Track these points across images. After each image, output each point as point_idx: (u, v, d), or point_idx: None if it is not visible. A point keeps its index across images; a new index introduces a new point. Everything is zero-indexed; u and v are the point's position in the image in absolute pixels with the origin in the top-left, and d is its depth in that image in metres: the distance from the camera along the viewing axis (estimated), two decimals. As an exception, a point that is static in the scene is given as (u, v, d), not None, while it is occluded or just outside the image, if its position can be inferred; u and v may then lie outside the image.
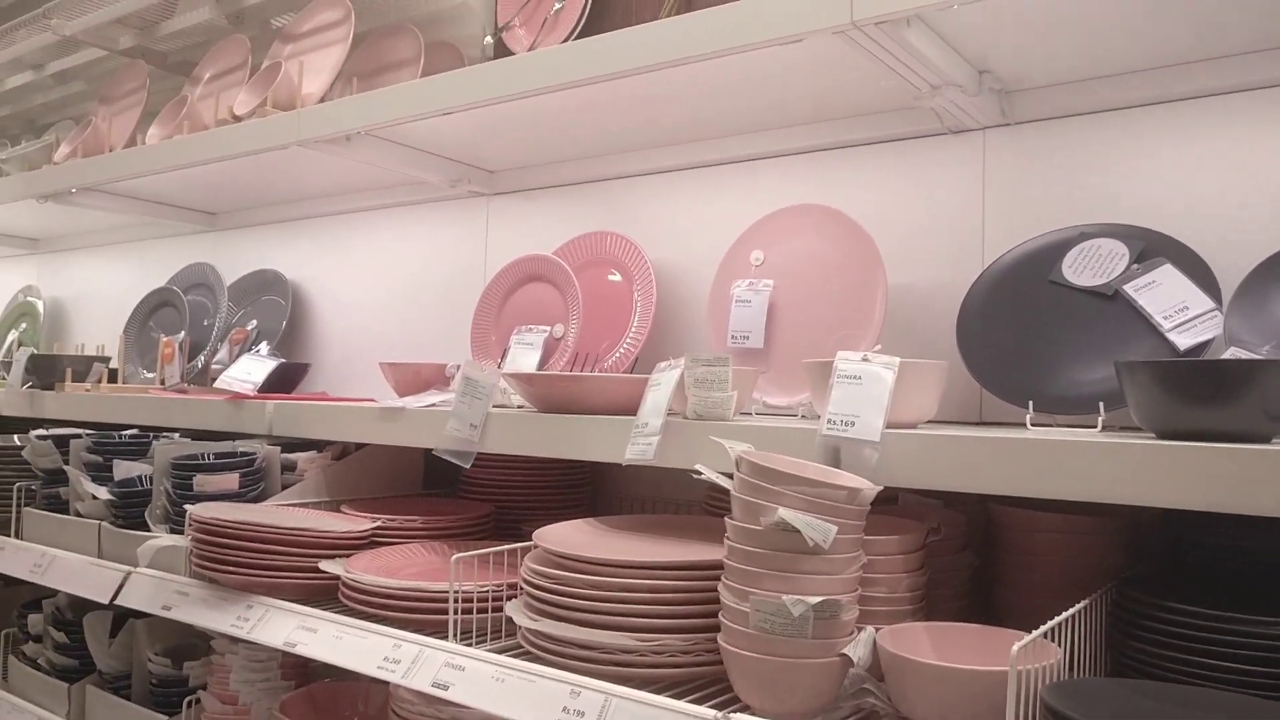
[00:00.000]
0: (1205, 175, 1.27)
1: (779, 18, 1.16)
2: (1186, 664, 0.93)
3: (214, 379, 1.95)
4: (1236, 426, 0.88)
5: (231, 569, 1.38)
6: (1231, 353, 1.09)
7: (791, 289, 1.46)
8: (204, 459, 1.62)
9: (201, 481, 1.57)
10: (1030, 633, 0.87)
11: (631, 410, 1.23)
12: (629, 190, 1.82)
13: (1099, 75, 1.33)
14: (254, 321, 2.34)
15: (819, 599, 0.89)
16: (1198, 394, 0.89)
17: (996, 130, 1.44)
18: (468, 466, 1.35)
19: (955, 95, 1.31)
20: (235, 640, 1.52)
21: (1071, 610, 0.94)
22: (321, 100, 1.96)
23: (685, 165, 1.74)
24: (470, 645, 1.17)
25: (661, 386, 1.18)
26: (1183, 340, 1.15)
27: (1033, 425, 1.14)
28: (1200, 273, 1.18)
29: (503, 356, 1.61)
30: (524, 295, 1.69)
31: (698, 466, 0.99)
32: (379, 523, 1.48)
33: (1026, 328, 1.28)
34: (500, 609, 1.19)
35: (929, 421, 1.24)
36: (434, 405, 1.46)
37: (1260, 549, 1.08)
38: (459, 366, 1.59)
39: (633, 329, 1.62)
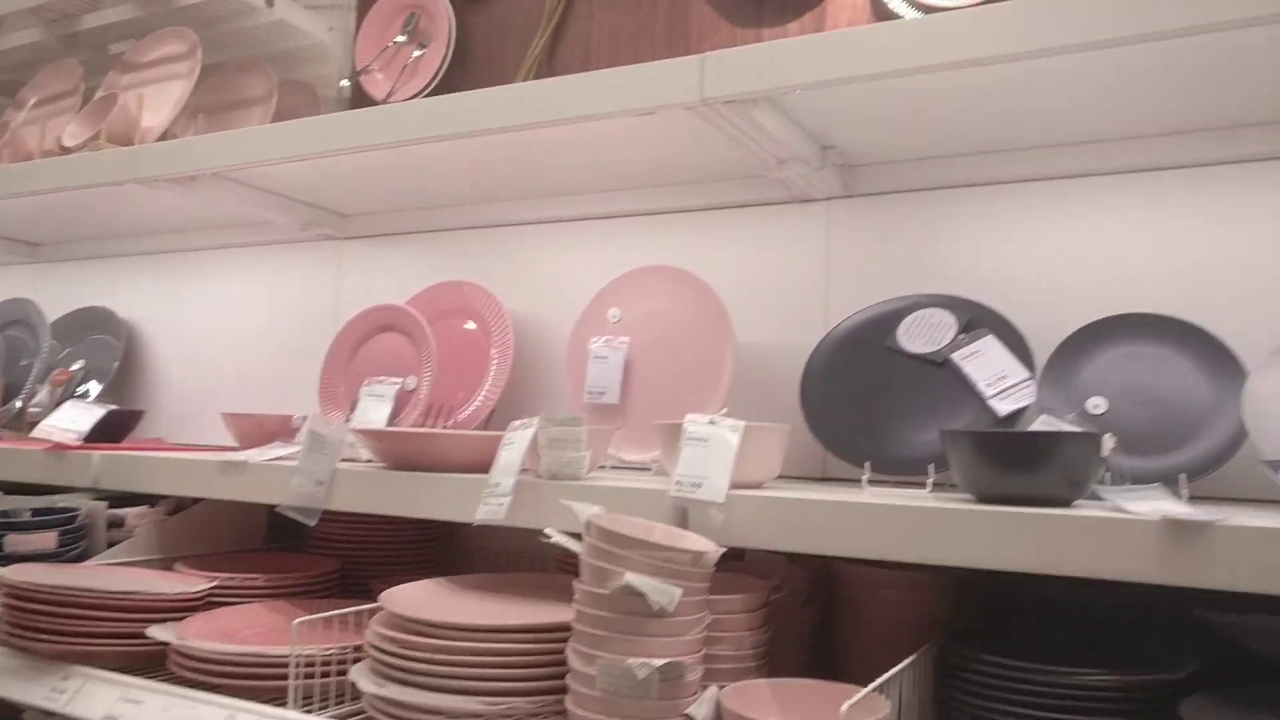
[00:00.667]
0: (1026, 252, 1.39)
1: (634, 90, 1.20)
2: (1001, 713, 1.00)
3: (32, 425, 1.81)
4: (1043, 492, 0.97)
5: (46, 637, 1.29)
6: (1042, 419, 1.19)
7: (647, 347, 1.50)
8: (17, 516, 1.50)
9: (14, 541, 1.45)
10: (865, 686, 0.91)
11: (484, 468, 1.23)
12: (489, 240, 1.82)
13: (932, 155, 1.44)
14: (80, 362, 2.20)
15: (664, 661, 0.91)
16: (1009, 462, 0.97)
17: (840, 201, 1.53)
18: (312, 524, 1.30)
19: (800, 168, 1.39)
20: (49, 715, 1.41)
21: (901, 665, 1.00)
22: (163, 137, 1.88)
23: (546, 219, 1.76)
24: (312, 713, 1.13)
25: (515, 446, 1.19)
26: (1002, 407, 1.24)
27: (869, 485, 1.21)
28: (1017, 344, 1.29)
29: (352, 408, 1.57)
30: (376, 345, 1.66)
31: (547, 530, 1.00)
32: (216, 582, 1.41)
33: (864, 391, 1.35)
34: (345, 673, 1.15)
35: (778, 478, 1.29)
36: (279, 459, 1.41)
37: (1072, 603, 1.18)
38: (305, 418, 1.55)
39: (489, 381, 1.62)
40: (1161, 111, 1.23)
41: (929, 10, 1.47)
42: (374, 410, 1.53)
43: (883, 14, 1.53)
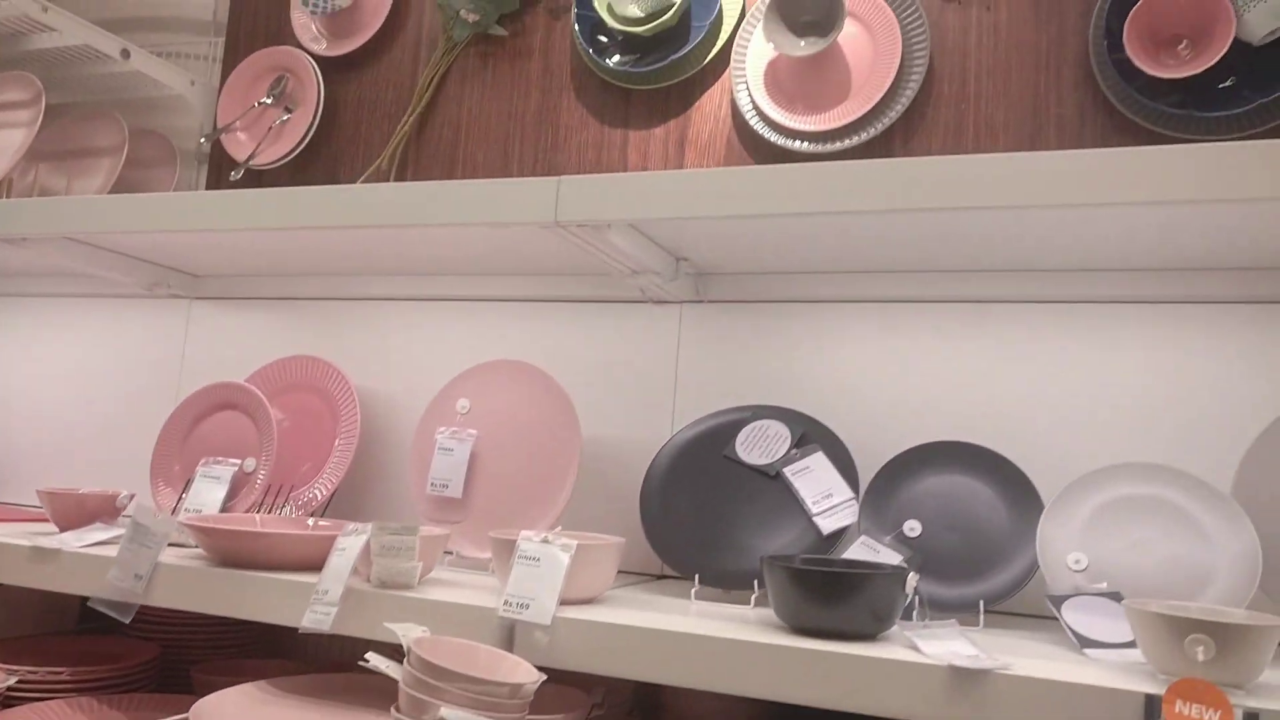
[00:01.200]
0: (860, 369, 1.47)
1: (490, 207, 1.22)
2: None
3: None
4: (850, 627, 1.02)
5: None
6: (861, 541, 1.26)
7: (495, 441, 1.51)
8: None
9: None
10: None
11: (315, 565, 1.20)
12: (343, 312, 1.80)
13: (778, 271, 1.51)
14: (-110, 407, 2.04)
15: (476, 795, 0.91)
16: (818, 597, 1.02)
17: (692, 305, 1.58)
18: (127, 621, 1.25)
19: (653, 279, 1.43)
20: None
21: (711, 790, 1.03)
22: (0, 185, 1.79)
23: (402, 296, 1.75)
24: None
25: (346, 552, 1.17)
26: (825, 525, 1.30)
27: (697, 599, 1.25)
28: (844, 461, 1.35)
29: (185, 488, 1.51)
30: (214, 423, 1.61)
31: (367, 656, 0.99)
32: (16, 677, 1.32)
33: (702, 500, 1.39)
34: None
35: (619, 573, 1.31)
36: (99, 543, 1.35)
37: None
38: (132, 497, 1.49)
39: (332, 464, 1.59)
40: (979, 252, 1.33)
41: (785, 133, 1.55)
42: (208, 493, 1.48)
43: (742, 129, 1.60)
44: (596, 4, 1.65)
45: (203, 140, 1.90)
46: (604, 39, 1.67)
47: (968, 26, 1.51)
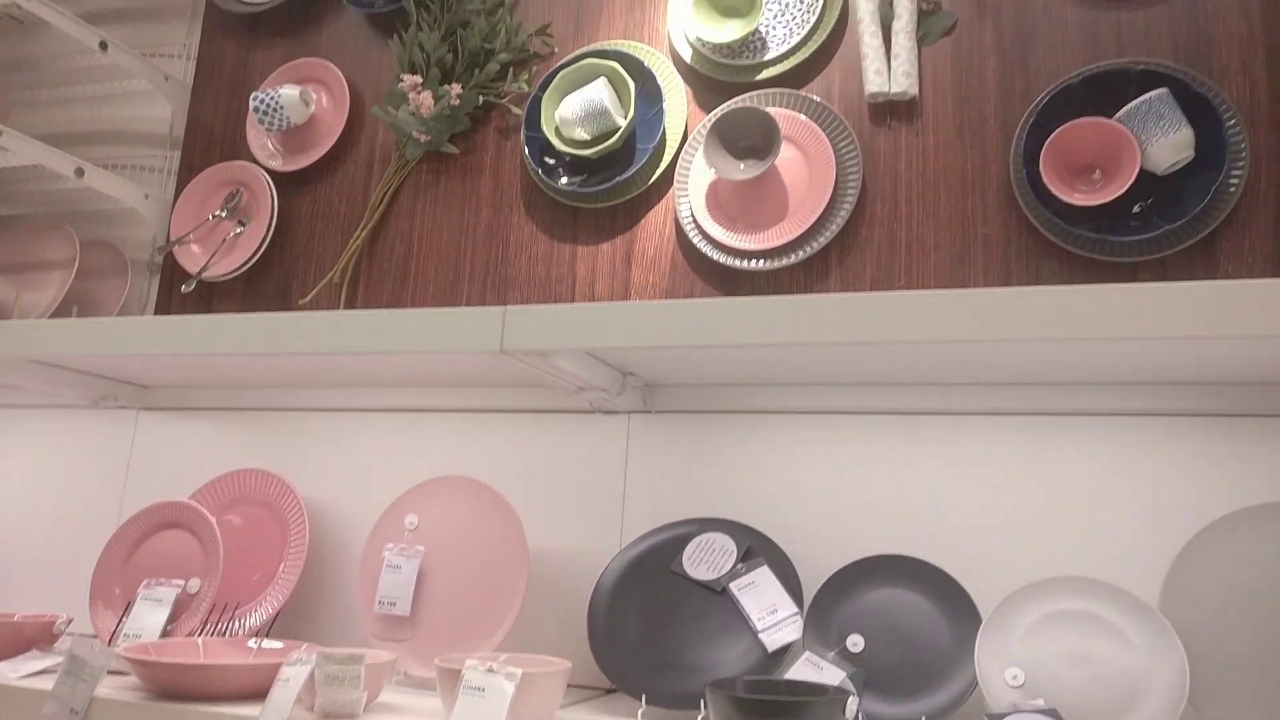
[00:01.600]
0: (805, 481, 1.50)
1: (437, 336, 1.25)
2: None
3: None
4: (793, 755, 1.03)
5: None
6: (804, 659, 1.27)
7: (442, 557, 1.51)
8: None
9: None
10: None
11: (259, 694, 1.19)
12: (292, 423, 1.80)
13: (723, 384, 1.55)
14: None
15: None
16: (762, 726, 1.03)
17: (640, 415, 1.61)
18: (61, 758, 1.22)
19: (600, 394, 1.46)
20: None
21: None
22: (-52, 298, 1.79)
23: (351, 407, 1.76)
24: None
25: (289, 683, 1.16)
26: (770, 641, 1.32)
27: (644, 719, 1.25)
28: (789, 576, 1.38)
29: (125, 611, 1.49)
30: (158, 542, 1.59)
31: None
32: (-60, 819, 1.28)
33: (649, 618, 1.40)
34: None
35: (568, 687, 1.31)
36: (36, 673, 1.32)
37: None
38: (70, 621, 1.46)
39: (280, 579, 1.58)
40: (916, 366, 1.38)
41: (727, 251, 1.61)
42: (149, 616, 1.45)
43: (686, 246, 1.65)
44: (544, 127, 1.71)
45: (156, 253, 1.92)
46: (551, 160, 1.73)
47: (898, 150, 1.59)
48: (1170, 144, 1.36)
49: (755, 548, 1.42)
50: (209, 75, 2.06)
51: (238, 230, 1.90)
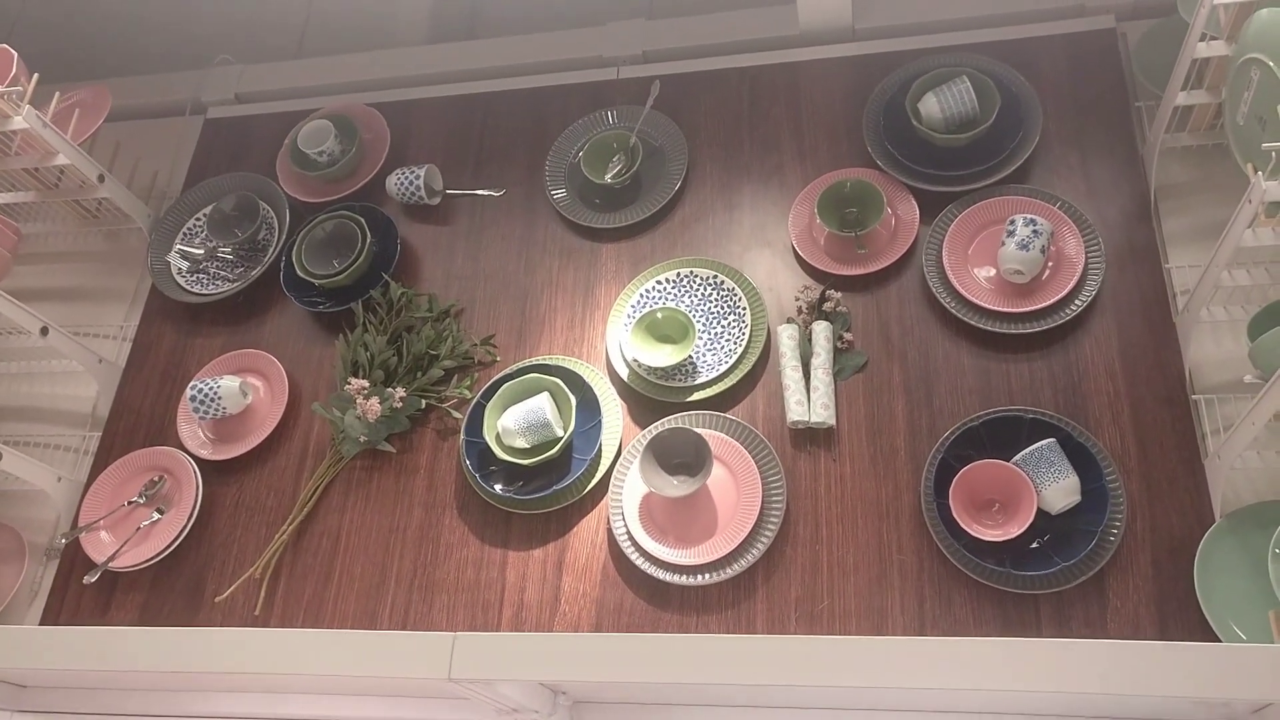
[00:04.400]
0: (730, 812, 1.48)
1: (390, 661, 1.24)
2: None
3: None
4: None
5: None
6: None
7: None
8: None
9: None
10: None
11: None
12: (189, 732, 1.68)
13: (653, 702, 1.54)
14: None
15: None
16: None
17: (565, 732, 1.58)
18: None
19: (530, 715, 1.44)
20: None
21: None
22: None
23: (251, 716, 1.66)
24: None
25: None
26: None
27: None
28: None
29: None
30: None
31: None
32: None
33: None
34: None
35: None
36: None
37: None
38: None
39: None
40: (843, 697, 1.42)
41: (657, 564, 1.65)
42: None
43: (617, 556, 1.69)
44: (485, 433, 1.78)
45: (61, 539, 1.84)
46: (492, 466, 1.79)
47: (818, 474, 1.72)
48: (1060, 489, 1.52)
49: None
50: (144, 358, 2.08)
51: (154, 518, 1.85)
